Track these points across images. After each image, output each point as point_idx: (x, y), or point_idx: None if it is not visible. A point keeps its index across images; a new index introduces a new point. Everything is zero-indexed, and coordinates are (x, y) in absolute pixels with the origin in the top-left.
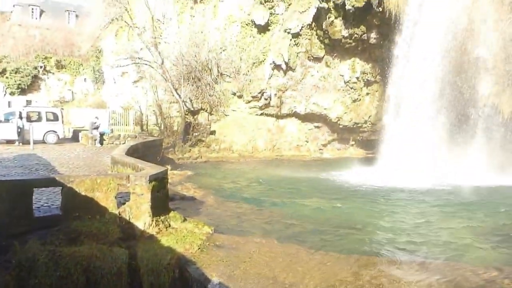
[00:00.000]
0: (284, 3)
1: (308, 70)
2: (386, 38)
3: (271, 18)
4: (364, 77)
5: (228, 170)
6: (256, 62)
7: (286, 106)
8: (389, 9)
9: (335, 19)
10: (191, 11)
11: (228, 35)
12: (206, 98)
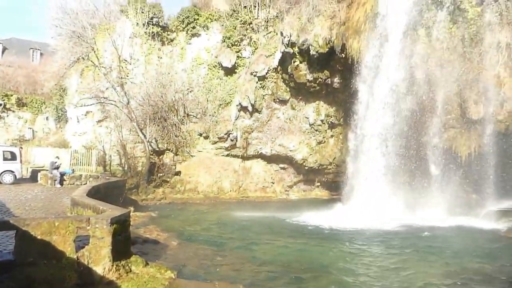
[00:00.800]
0: (250, 47)
1: (274, 112)
2: (349, 82)
3: (238, 61)
4: (328, 120)
5: (193, 211)
6: (222, 103)
7: (252, 147)
8: (351, 55)
9: (300, 63)
10: (159, 52)
11: (195, 77)
12: (172, 139)
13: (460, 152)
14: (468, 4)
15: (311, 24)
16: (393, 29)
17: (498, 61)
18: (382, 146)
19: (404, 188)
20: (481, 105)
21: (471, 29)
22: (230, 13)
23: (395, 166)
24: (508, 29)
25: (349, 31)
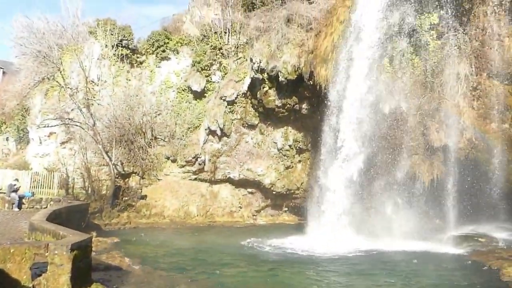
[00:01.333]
0: (220, 72)
1: (243, 137)
2: (317, 109)
3: (208, 86)
4: (296, 145)
5: (158, 237)
6: (191, 127)
7: (220, 171)
8: (319, 82)
9: (269, 89)
10: (128, 74)
11: (164, 100)
12: (138, 162)
13: (423, 178)
14: (429, 37)
15: (280, 51)
16: (359, 59)
17: (457, 91)
18: (348, 172)
19: (369, 214)
20: (442, 133)
21: (433, 61)
22: (200, 38)
23: (361, 192)
24: (466, 61)
25: (317, 59)
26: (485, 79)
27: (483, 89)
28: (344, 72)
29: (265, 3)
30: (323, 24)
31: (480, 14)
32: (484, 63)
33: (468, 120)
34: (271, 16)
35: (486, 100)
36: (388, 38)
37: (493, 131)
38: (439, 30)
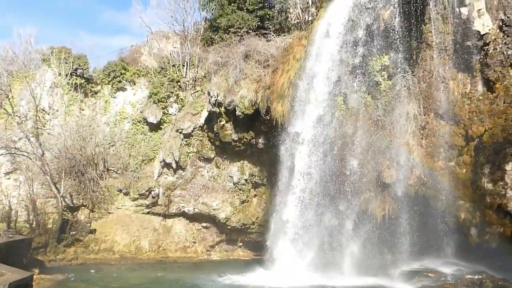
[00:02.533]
0: (177, 104)
1: (199, 170)
2: (273, 143)
3: (164, 118)
4: (252, 180)
5: (106, 273)
6: (145, 159)
7: (175, 205)
8: (275, 118)
9: (226, 123)
10: (81, 104)
11: (118, 131)
12: (88, 194)
13: (376, 214)
14: (381, 77)
15: (237, 86)
16: (314, 96)
17: (407, 130)
18: (303, 208)
19: (322, 250)
20: (393, 170)
21: (384, 100)
22: (158, 70)
23: (314, 229)
24: (415, 101)
25: (274, 95)
26: (432, 119)
27: (430, 128)
28: (300, 109)
29: (224, 38)
30: (280, 61)
31: (427, 58)
32: (431, 103)
33: (417, 158)
34: (230, 51)
35: (434, 139)
36: (343, 76)
37: (440, 168)
38: (390, 71)
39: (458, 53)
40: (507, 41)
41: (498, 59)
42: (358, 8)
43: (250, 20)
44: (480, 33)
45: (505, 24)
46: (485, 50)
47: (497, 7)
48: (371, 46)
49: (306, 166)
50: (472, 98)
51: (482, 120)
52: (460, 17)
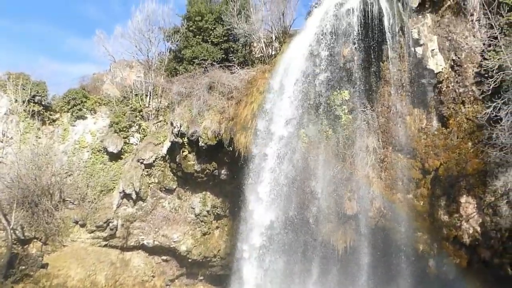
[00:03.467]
0: (139, 134)
1: (159, 201)
2: (236, 175)
3: (125, 147)
4: (214, 211)
5: None
6: (104, 190)
7: (134, 237)
8: (238, 149)
9: (189, 153)
10: (38, 132)
11: (77, 160)
12: (42, 226)
13: (338, 245)
14: (341, 111)
15: (201, 117)
16: (276, 128)
17: (367, 163)
18: (266, 239)
19: (286, 282)
20: (354, 202)
21: (344, 133)
22: (120, 99)
23: (277, 261)
24: (374, 135)
25: (237, 126)
26: (391, 152)
27: (389, 161)
28: (262, 142)
29: (188, 70)
30: (244, 94)
31: (385, 94)
32: (389, 137)
33: (377, 190)
34: (194, 82)
35: (392, 172)
36: (305, 110)
37: (399, 200)
38: (350, 105)
39: (414, 90)
40: (459, 79)
41: (451, 96)
42: (320, 44)
43: (215, 52)
44: (434, 72)
45: (456, 64)
46: (438, 87)
47: (449, 48)
48: (332, 81)
49: (269, 197)
50: (428, 133)
51: (438, 154)
52: (415, 56)
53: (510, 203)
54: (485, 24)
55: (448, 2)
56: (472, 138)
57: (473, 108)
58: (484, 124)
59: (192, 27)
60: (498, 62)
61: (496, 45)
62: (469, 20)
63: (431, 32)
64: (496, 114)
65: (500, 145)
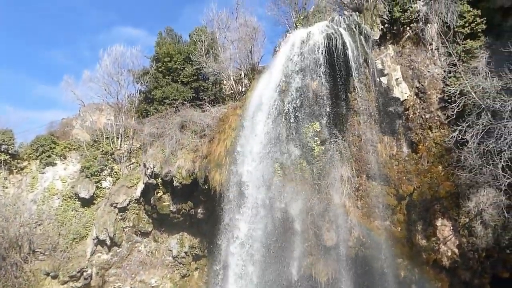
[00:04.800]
0: (112, 177)
1: (135, 246)
2: (213, 213)
3: (97, 192)
4: (192, 252)
5: None
6: (77, 237)
7: (110, 285)
8: (213, 187)
9: (163, 194)
10: (5, 181)
11: (47, 208)
12: (10, 281)
13: (320, 278)
14: (314, 143)
15: (174, 156)
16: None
17: (343, 192)
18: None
19: None
20: (333, 232)
21: (318, 164)
22: (91, 143)
23: None
24: (347, 165)
25: (212, 164)
26: (365, 180)
27: (364, 189)
28: (236, 178)
29: (159, 110)
30: (217, 131)
31: (355, 123)
32: (362, 166)
33: (355, 219)
34: (165, 122)
35: (368, 200)
36: (278, 142)
37: (377, 228)
38: (322, 136)
39: (383, 118)
40: (424, 106)
41: (418, 122)
42: (288, 79)
43: (185, 92)
44: (400, 100)
45: (420, 91)
46: (406, 114)
47: (412, 76)
48: (302, 114)
49: (248, 233)
50: (399, 159)
51: (410, 179)
52: (381, 85)
53: (484, 223)
54: (444, 52)
55: (407, 33)
56: (442, 161)
57: (440, 133)
58: (452, 148)
59: (162, 68)
60: (459, 87)
61: (456, 71)
62: (428, 49)
63: (394, 62)
64: (462, 137)
65: (469, 166)
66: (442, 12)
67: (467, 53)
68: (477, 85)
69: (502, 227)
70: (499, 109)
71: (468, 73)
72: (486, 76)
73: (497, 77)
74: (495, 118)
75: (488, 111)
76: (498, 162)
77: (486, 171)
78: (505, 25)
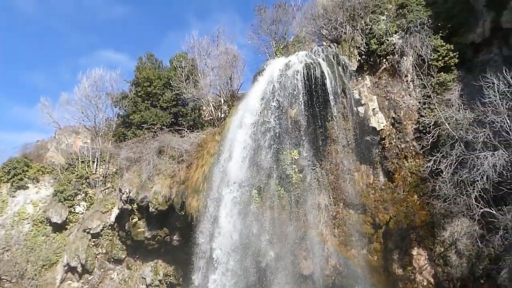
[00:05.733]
0: (86, 202)
1: (108, 273)
2: (189, 240)
3: (70, 217)
4: (167, 280)
5: None
6: (47, 264)
7: None
8: (190, 213)
9: (139, 220)
10: None
11: (16, 233)
12: None
13: None
14: (292, 170)
15: (151, 181)
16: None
17: (320, 220)
18: None
19: None
20: (310, 261)
21: (296, 192)
22: (65, 166)
23: None
24: (325, 193)
25: (189, 190)
26: (342, 208)
27: (341, 217)
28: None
29: (137, 134)
30: (195, 157)
31: (332, 152)
32: (340, 194)
33: (332, 247)
34: (143, 147)
35: (345, 228)
36: (256, 171)
37: (353, 257)
38: (300, 164)
39: (360, 147)
40: (400, 136)
41: (394, 152)
42: (267, 106)
43: (164, 116)
44: (376, 129)
45: (396, 121)
46: (382, 144)
47: (388, 107)
48: (281, 141)
49: (224, 260)
50: (376, 188)
51: (387, 208)
52: (358, 115)
53: (458, 252)
54: (419, 84)
55: (384, 65)
56: (417, 191)
57: (416, 162)
58: (427, 177)
59: (141, 93)
60: (433, 118)
61: (430, 103)
62: (404, 81)
63: (371, 92)
64: (437, 167)
65: (443, 196)
66: (417, 45)
67: (440, 86)
68: (450, 116)
69: (476, 257)
70: (472, 140)
71: (442, 104)
72: (459, 108)
73: (470, 109)
74: (468, 149)
75: (461, 142)
76: (471, 192)
77: (460, 201)
78: (476, 60)
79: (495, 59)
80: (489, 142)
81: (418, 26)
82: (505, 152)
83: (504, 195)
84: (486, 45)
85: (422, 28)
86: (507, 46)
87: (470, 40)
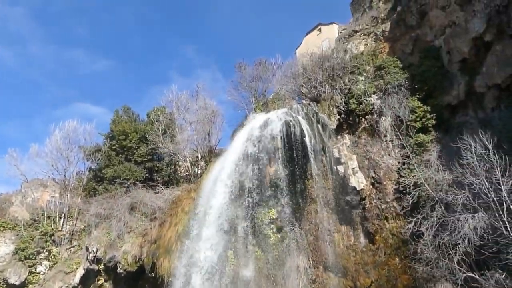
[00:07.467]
0: (48, 261)
1: None
2: None
3: (30, 278)
4: None
5: None
6: None
7: None
8: (161, 275)
9: (105, 282)
10: None
11: None
12: None
13: None
14: (270, 230)
15: (121, 240)
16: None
17: (299, 284)
18: None
19: None
20: None
21: (274, 253)
22: (29, 222)
23: None
24: (304, 254)
25: (161, 249)
26: (322, 271)
27: (321, 281)
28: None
29: (109, 189)
30: (168, 214)
31: (312, 211)
32: (319, 256)
33: None
34: (114, 203)
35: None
36: (232, 231)
37: None
38: (278, 224)
39: (340, 207)
40: (380, 196)
41: (375, 212)
42: (246, 163)
43: (138, 171)
44: (356, 189)
45: (376, 181)
46: (362, 204)
47: (368, 166)
48: (259, 200)
49: None
50: (357, 250)
51: (368, 271)
52: (338, 174)
53: None
54: (398, 144)
55: (363, 124)
56: (398, 253)
57: (396, 224)
58: (409, 239)
59: (115, 146)
60: (413, 179)
61: (410, 163)
62: (383, 141)
63: (351, 151)
64: (418, 229)
65: (425, 259)
66: (395, 106)
67: (419, 146)
68: (430, 177)
69: None
70: (452, 202)
71: (421, 165)
72: (438, 169)
73: (448, 171)
74: (448, 210)
75: (441, 203)
76: (453, 255)
77: (442, 265)
78: (453, 121)
79: (471, 121)
80: (468, 204)
81: (395, 87)
82: (485, 215)
83: (486, 259)
84: (462, 107)
85: (400, 89)
86: (482, 109)
87: (446, 102)
